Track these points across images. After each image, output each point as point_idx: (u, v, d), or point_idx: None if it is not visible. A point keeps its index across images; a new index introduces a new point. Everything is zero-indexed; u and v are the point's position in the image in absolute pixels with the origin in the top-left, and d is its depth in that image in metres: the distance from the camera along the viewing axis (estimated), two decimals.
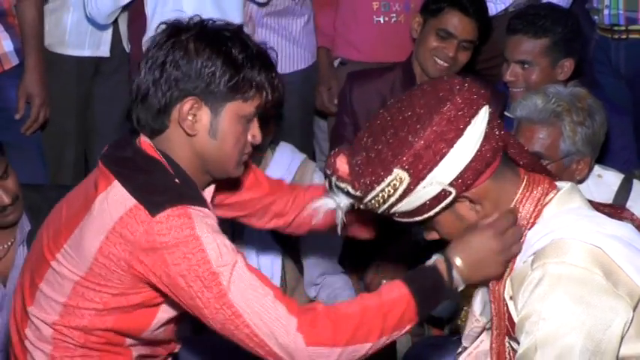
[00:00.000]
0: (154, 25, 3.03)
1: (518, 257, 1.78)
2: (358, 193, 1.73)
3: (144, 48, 2.47)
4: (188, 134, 1.88)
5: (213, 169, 1.95)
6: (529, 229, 1.77)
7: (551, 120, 2.36)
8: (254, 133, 1.94)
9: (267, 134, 2.67)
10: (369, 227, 2.25)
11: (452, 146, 1.65)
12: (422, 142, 1.64)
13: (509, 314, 1.76)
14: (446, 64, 3.07)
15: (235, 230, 2.66)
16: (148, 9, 3.14)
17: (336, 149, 1.77)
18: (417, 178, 1.67)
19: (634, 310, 1.67)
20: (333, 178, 1.76)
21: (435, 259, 1.84)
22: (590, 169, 2.52)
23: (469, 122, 1.66)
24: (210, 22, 1.93)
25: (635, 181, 2.66)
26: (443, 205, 1.72)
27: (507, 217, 1.79)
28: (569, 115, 2.37)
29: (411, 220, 1.76)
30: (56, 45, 3.34)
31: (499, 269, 1.80)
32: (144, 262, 1.80)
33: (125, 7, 3.26)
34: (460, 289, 1.83)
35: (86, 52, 3.34)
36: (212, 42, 1.86)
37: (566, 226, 1.73)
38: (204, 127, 1.87)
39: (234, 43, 1.87)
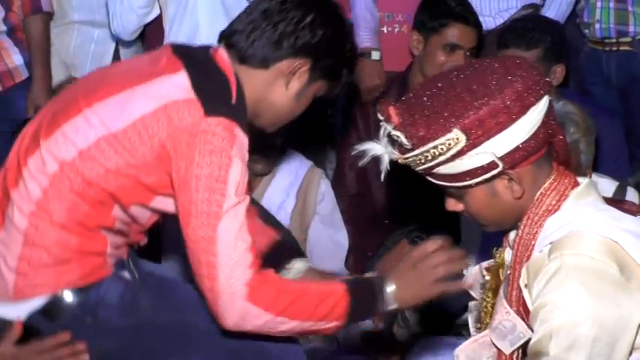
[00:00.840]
0: (172, 35, 3.13)
1: (534, 245, 1.77)
2: (409, 145, 1.71)
3: None
4: (271, 82, 1.96)
5: (263, 118, 2.01)
6: (548, 217, 1.77)
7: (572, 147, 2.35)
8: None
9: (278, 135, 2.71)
10: None
11: (514, 121, 1.66)
12: (487, 109, 1.65)
13: (524, 301, 1.76)
14: None
15: None
16: (166, 25, 3.19)
17: (386, 101, 1.76)
18: (473, 143, 1.67)
19: None
20: (388, 126, 1.72)
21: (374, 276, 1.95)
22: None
23: (534, 103, 1.67)
24: None
25: (629, 188, 2.70)
26: (487, 176, 1.71)
27: (425, 248, 1.90)
28: (584, 136, 2.42)
29: (447, 184, 1.75)
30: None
31: (432, 291, 1.89)
32: (176, 147, 1.81)
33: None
34: (390, 309, 1.91)
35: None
36: (343, 29, 2.01)
37: (583, 218, 1.73)
38: (293, 88, 1.96)
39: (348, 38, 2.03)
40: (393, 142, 1.73)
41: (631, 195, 2.66)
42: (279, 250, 2.20)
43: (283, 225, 2.67)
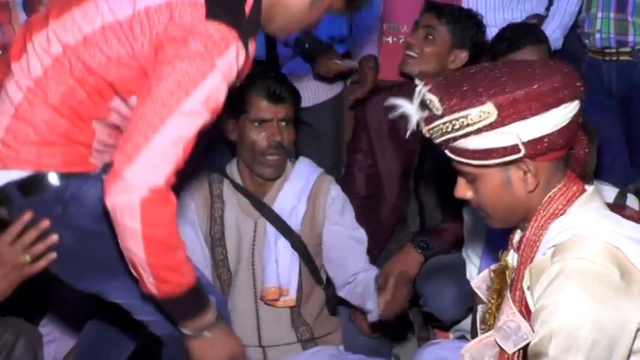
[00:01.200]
0: None
1: (538, 248, 1.78)
2: (440, 111, 1.71)
3: None
4: None
5: (276, 21, 2.01)
6: (553, 221, 1.77)
7: None
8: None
9: (292, 140, 2.79)
10: None
11: (546, 111, 1.67)
12: (523, 92, 1.66)
13: (526, 303, 1.76)
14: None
15: (256, 240, 2.74)
16: None
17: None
18: (502, 121, 1.67)
19: None
20: (423, 88, 1.73)
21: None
22: None
23: (566, 100, 1.68)
24: None
25: (629, 195, 2.69)
26: (507, 159, 1.71)
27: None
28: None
29: (465, 160, 1.75)
30: None
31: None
32: (169, 41, 1.81)
33: None
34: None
35: None
36: None
37: (587, 223, 1.73)
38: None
39: None
40: (423, 107, 1.74)
41: (631, 202, 2.65)
42: None
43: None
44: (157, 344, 2.18)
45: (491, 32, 3.38)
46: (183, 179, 2.71)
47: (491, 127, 1.68)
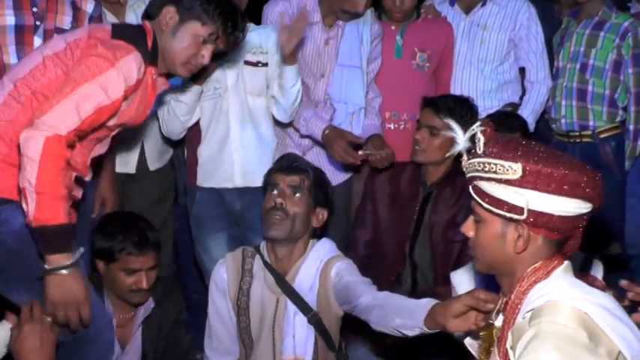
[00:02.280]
0: (209, 136, 3.18)
1: (519, 312, 1.78)
2: (480, 151, 1.78)
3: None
4: (160, 30, 2.37)
5: (167, 61, 2.39)
6: (532, 288, 1.78)
7: None
8: (203, 54, 2.40)
9: (300, 207, 2.71)
10: None
11: (558, 195, 1.72)
12: (549, 170, 1.71)
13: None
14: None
15: (277, 314, 2.70)
16: (203, 127, 3.21)
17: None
18: (521, 182, 1.72)
19: None
20: (479, 129, 1.80)
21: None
22: None
23: (581, 197, 1.74)
24: None
25: (594, 260, 2.68)
26: (509, 215, 1.75)
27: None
28: None
29: (480, 200, 1.79)
30: None
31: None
32: (85, 47, 2.23)
33: None
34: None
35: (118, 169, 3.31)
36: None
37: (560, 290, 1.74)
38: (169, 27, 2.37)
39: None
40: (472, 142, 1.82)
41: (597, 268, 2.65)
42: None
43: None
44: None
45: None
46: None
47: (509, 182, 1.74)
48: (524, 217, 1.75)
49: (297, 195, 2.71)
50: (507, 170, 1.74)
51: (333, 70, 3.32)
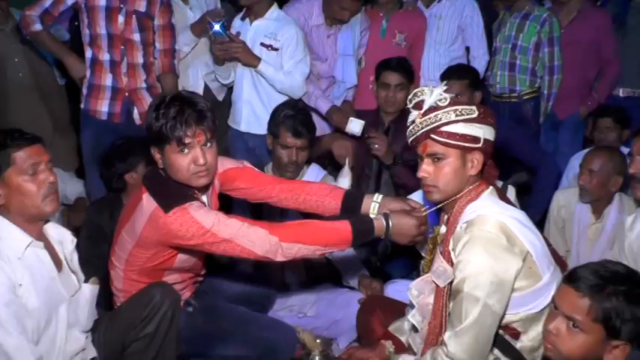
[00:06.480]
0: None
1: (458, 223, 1.77)
2: (446, 102, 1.71)
3: None
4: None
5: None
6: (467, 206, 1.77)
7: None
8: (195, 157, 1.86)
9: (305, 159, 2.70)
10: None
11: (491, 126, 1.73)
12: (488, 110, 1.75)
13: (451, 258, 1.77)
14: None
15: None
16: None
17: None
18: (479, 120, 1.71)
19: (523, 262, 1.70)
20: (443, 88, 1.74)
21: (377, 217, 1.88)
22: None
23: (494, 125, 1.77)
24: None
25: (509, 186, 2.67)
26: (470, 145, 1.72)
27: (425, 218, 1.88)
28: None
29: (442, 139, 1.71)
30: None
31: (405, 242, 1.88)
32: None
33: None
34: (381, 237, 1.87)
35: None
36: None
37: (486, 207, 1.75)
38: (159, 162, 1.91)
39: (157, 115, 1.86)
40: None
41: (510, 190, 2.64)
42: (353, 196, 2.11)
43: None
44: None
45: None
46: None
47: (472, 120, 1.72)
48: (480, 145, 1.74)
49: (304, 150, 2.68)
50: (470, 111, 1.72)
51: (334, 56, 3.33)
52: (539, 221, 2.96)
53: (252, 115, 3.15)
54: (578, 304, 1.45)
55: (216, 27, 2.92)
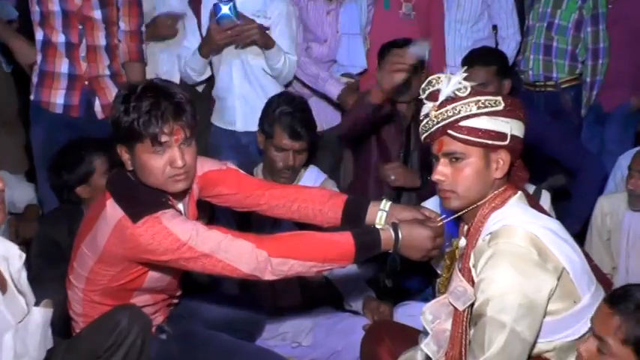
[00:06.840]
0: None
1: (480, 235, 1.77)
2: (467, 92, 1.72)
3: None
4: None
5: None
6: (491, 215, 1.77)
7: None
8: (171, 158, 1.85)
9: (300, 162, 2.73)
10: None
11: (520, 121, 1.75)
12: (517, 101, 1.76)
13: (472, 276, 1.77)
14: None
15: None
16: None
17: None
18: (504, 112, 1.71)
19: (558, 280, 1.71)
20: (462, 76, 1.74)
21: (384, 227, 1.88)
22: None
23: (524, 119, 1.78)
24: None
25: (543, 190, 2.73)
26: (494, 142, 1.72)
27: (442, 228, 1.87)
28: None
29: (462, 136, 1.71)
30: None
31: (417, 257, 1.87)
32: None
33: None
34: (389, 251, 1.86)
35: None
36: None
37: (514, 216, 1.75)
38: (128, 163, 1.89)
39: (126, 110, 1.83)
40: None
41: (545, 196, 2.68)
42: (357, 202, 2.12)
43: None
44: None
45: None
46: None
47: (497, 114, 1.71)
48: (506, 142, 1.73)
49: (302, 153, 2.70)
50: (495, 103, 1.71)
51: (335, 36, 3.33)
52: (580, 233, 2.99)
53: (249, 111, 3.13)
54: (610, 324, 1.52)
55: (225, 9, 2.81)
